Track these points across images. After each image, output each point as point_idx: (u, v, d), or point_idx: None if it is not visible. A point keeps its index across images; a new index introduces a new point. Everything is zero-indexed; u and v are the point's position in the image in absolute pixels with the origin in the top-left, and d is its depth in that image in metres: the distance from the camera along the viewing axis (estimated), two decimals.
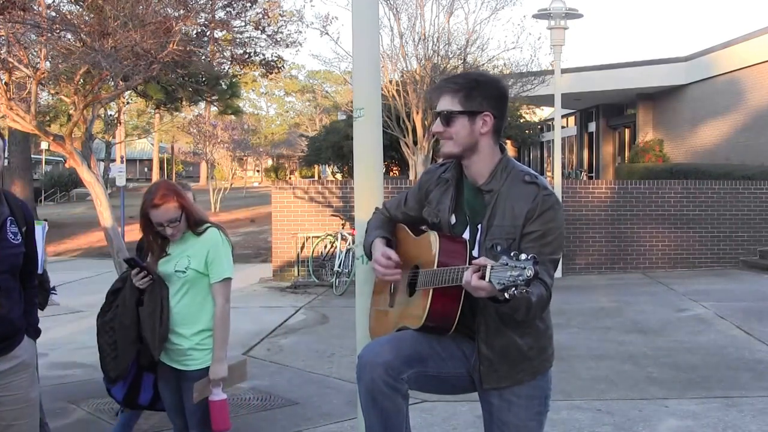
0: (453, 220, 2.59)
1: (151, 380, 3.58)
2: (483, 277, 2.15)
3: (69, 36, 11.25)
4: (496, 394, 2.57)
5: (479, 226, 2.52)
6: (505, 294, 2.10)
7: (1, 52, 10.90)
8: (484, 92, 2.49)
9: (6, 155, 2.97)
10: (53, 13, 11.51)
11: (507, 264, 2.09)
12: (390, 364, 2.42)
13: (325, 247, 12.73)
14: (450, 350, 2.56)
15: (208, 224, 3.55)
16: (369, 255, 2.78)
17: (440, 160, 2.75)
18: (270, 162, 55.43)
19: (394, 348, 2.47)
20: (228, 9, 14.20)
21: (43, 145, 32.72)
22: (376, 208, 2.98)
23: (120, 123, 30.53)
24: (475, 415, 4.71)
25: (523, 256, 2.08)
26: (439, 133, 2.55)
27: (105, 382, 3.63)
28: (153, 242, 3.48)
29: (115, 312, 3.44)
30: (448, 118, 2.50)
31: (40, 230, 3.69)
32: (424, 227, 2.75)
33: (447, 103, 2.51)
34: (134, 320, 3.41)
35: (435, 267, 2.46)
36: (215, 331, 3.46)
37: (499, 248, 2.21)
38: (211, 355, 3.50)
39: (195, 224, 3.49)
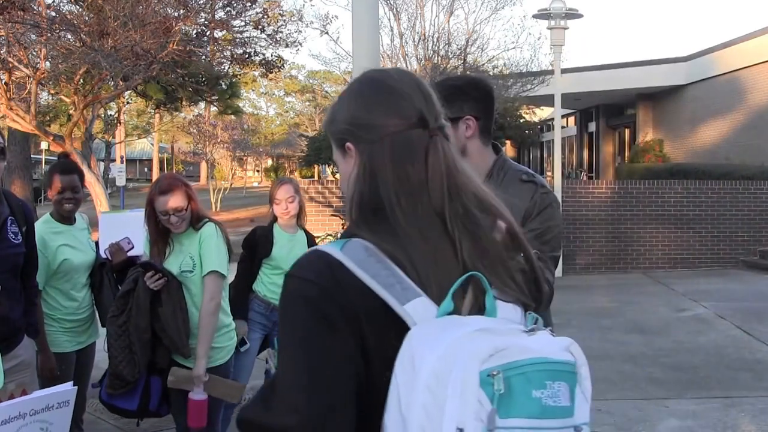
0: None
1: (159, 384, 3.55)
2: None
3: (69, 36, 11.27)
4: None
5: None
6: None
7: (1, 52, 10.91)
8: (462, 97, 2.49)
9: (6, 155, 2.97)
10: (53, 13, 11.54)
11: None
12: None
13: None
14: None
15: (207, 219, 3.54)
16: None
17: None
18: (270, 162, 55.44)
19: None
20: (228, 9, 14.24)
21: (43, 145, 32.72)
22: None
23: (120, 123, 30.54)
24: None
25: None
26: None
27: (105, 397, 3.55)
28: (157, 238, 3.46)
29: (128, 315, 3.40)
30: None
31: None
32: None
33: None
34: (149, 322, 3.38)
35: None
36: (199, 328, 3.39)
37: None
38: (222, 353, 3.49)
39: (197, 219, 3.48)
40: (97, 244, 3.83)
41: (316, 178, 35.34)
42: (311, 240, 4.36)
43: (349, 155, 1.25)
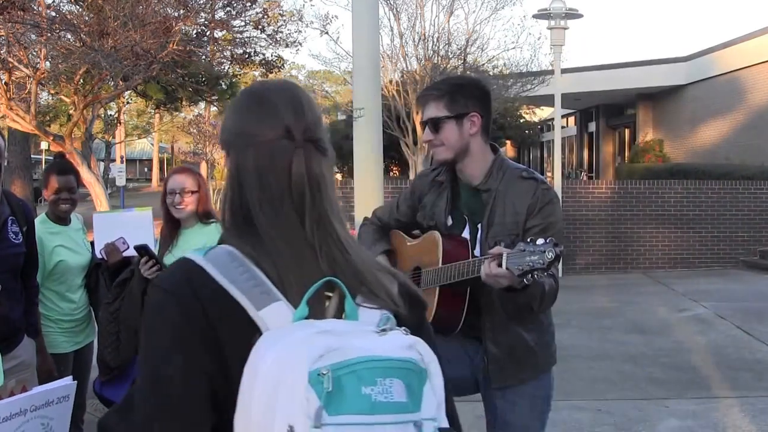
0: (450, 221, 2.60)
1: None
2: (500, 266, 2.14)
3: (69, 36, 11.28)
4: (500, 395, 2.56)
5: (479, 226, 2.52)
6: (524, 279, 2.10)
7: (1, 52, 10.91)
8: (467, 93, 2.50)
9: (5, 155, 2.97)
10: (53, 13, 11.54)
11: (524, 250, 2.09)
12: None
13: None
14: (455, 352, 2.56)
15: (215, 220, 3.56)
16: None
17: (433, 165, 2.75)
18: None
19: None
20: (228, 9, 14.25)
21: (43, 145, 32.71)
22: (365, 218, 2.97)
23: (120, 123, 30.55)
24: (475, 415, 4.71)
25: (540, 241, 2.08)
26: (430, 141, 2.56)
27: (97, 387, 3.56)
28: (167, 227, 3.49)
29: (121, 302, 3.43)
30: (436, 124, 2.51)
31: (148, 216, 3.69)
32: (417, 231, 2.76)
33: (432, 111, 2.52)
34: (139, 311, 3.40)
35: (440, 265, 2.46)
36: None
37: (502, 244, 2.21)
38: None
39: (205, 213, 3.51)
40: (92, 244, 3.82)
41: None
42: None
43: (228, 162, 1.33)
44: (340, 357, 1.05)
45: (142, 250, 3.43)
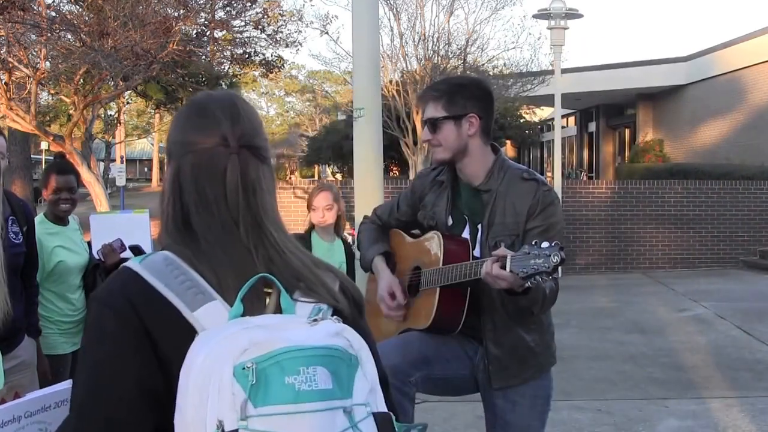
0: (450, 221, 2.60)
1: None
2: (503, 268, 2.14)
3: (69, 36, 11.27)
4: (500, 395, 2.56)
5: (479, 226, 2.52)
6: (528, 282, 2.10)
7: (1, 52, 10.90)
8: (466, 94, 2.51)
9: (6, 154, 2.97)
10: (53, 13, 11.53)
11: (529, 253, 2.10)
12: (398, 368, 2.41)
13: None
14: (454, 351, 2.57)
15: None
16: (367, 269, 2.80)
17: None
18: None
19: (401, 351, 2.47)
20: (228, 9, 14.24)
21: (43, 145, 32.71)
22: (365, 217, 2.97)
23: (120, 123, 30.54)
24: (475, 415, 4.72)
25: (545, 244, 2.09)
26: (428, 141, 2.57)
27: None
28: None
29: None
30: (434, 125, 2.52)
31: (145, 218, 3.69)
32: (417, 231, 2.76)
33: (431, 111, 2.53)
34: None
35: (440, 265, 2.47)
36: None
37: (502, 245, 2.21)
38: None
39: None
40: (89, 245, 3.82)
41: (316, 178, 35.32)
42: (348, 249, 4.15)
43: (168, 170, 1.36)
44: (264, 349, 1.07)
45: (136, 250, 3.42)
